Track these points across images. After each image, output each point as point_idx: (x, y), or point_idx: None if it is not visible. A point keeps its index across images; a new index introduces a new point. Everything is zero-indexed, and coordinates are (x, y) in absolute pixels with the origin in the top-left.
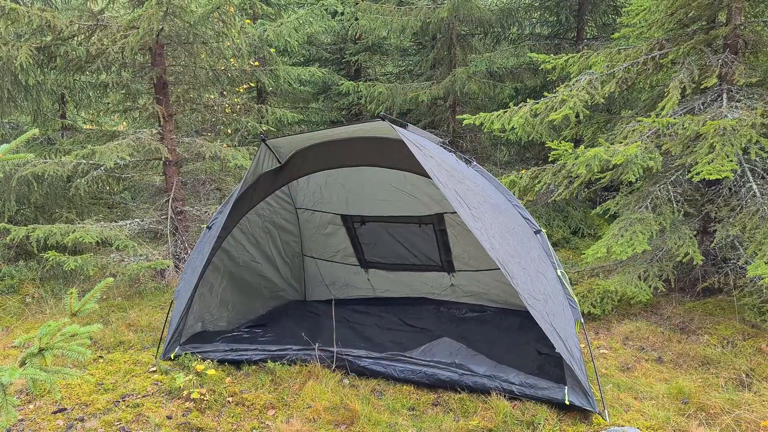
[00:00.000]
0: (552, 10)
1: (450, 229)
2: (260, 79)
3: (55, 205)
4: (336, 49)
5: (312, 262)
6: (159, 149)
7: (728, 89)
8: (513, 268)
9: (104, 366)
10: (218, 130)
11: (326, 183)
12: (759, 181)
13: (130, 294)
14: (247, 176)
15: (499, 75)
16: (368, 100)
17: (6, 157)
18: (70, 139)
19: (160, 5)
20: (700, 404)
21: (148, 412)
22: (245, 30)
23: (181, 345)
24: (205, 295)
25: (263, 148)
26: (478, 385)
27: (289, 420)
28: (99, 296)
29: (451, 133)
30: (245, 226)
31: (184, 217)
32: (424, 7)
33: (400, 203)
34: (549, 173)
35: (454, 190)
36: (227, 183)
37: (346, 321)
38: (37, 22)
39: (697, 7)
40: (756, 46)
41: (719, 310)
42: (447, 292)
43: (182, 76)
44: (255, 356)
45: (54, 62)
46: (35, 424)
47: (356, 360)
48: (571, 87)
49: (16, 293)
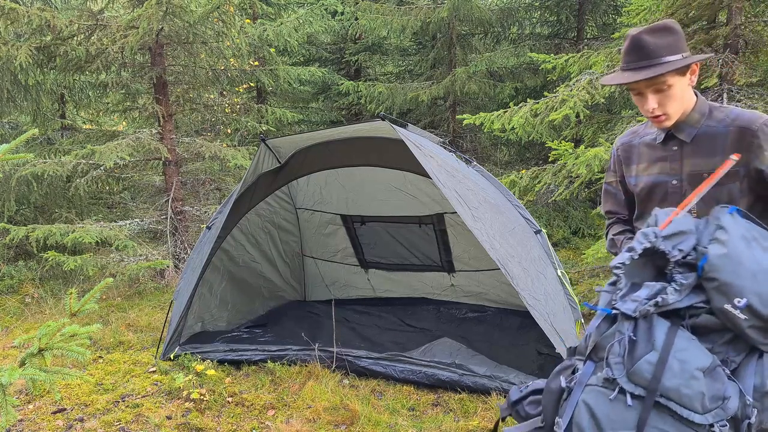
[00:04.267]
0: (552, 10)
1: (450, 229)
2: (260, 79)
3: (54, 205)
4: (336, 48)
5: (312, 262)
6: (159, 149)
7: (729, 89)
8: (513, 268)
9: (104, 366)
10: (218, 130)
11: (326, 183)
12: None
13: (129, 294)
14: (246, 176)
15: (499, 75)
16: (368, 100)
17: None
18: (70, 139)
19: (159, 5)
20: None
21: (148, 412)
22: (245, 30)
23: (181, 345)
24: (204, 295)
25: (263, 148)
26: (478, 386)
27: (288, 420)
28: (98, 296)
29: (451, 133)
30: (245, 226)
31: (183, 217)
32: (424, 6)
33: (400, 203)
34: (549, 173)
35: (455, 190)
36: (227, 183)
37: (346, 321)
38: (37, 22)
39: (697, 7)
40: (756, 46)
41: None
42: (447, 292)
43: (182, 75)
44: (255, 356)
45: (53, 62)
46: (35, 425)
47: (356, 360)
48: (572, 87)
49: (16, 293)
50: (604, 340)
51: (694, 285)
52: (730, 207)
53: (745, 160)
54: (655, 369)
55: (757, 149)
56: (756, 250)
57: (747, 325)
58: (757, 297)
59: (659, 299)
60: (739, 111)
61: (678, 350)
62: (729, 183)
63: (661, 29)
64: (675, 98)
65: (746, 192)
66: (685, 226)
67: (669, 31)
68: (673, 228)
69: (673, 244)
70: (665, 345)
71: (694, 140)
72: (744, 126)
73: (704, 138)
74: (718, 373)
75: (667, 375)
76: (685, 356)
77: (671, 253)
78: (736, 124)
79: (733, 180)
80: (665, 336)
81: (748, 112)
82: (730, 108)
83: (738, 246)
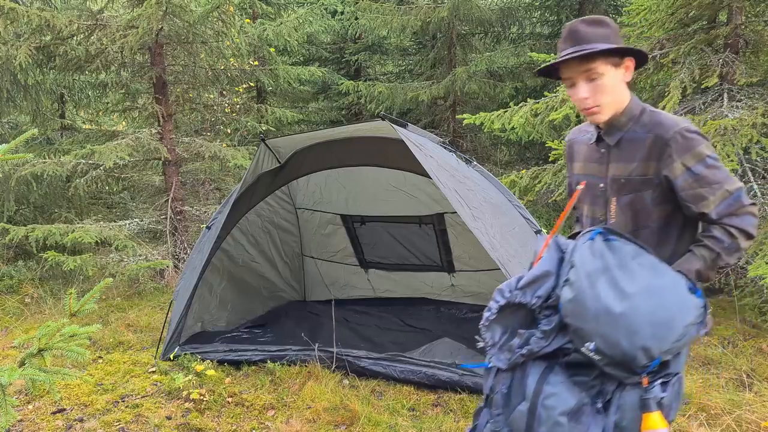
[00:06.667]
0: (552, 10)
1: (450, 229)
2: (260, 79)
3: (54, 205)
4: (336, 48)
5: (312, 262)
6: (158, 149)
7: (729, 89)
8: (514, 268)
9: (103, 366)
10: (218, 129)
11: (326, 183)
12: (760, 181)
13: (129, 294)
14: (246, 176)
15: (499, 74)
16: (368, 100)
17: (5, 157)
18: (70, 138)
19: (159, 5)
20: (700, 405)
21: (148, 412)
22: (245, 29)
23: (181, 345)
24: (204, 295)
25: (263, 148)
26: (478, 386)
27: (288, 420)
28: (98, 296)
29: (451, 132)
30: (245, 226)
31: (183, 217)
32: (424, 6)
33: (400, 203)
34: (549, 173)
35: (455, 190)
36: (227, 183)
37: (346, 321)
38: (37, 22)
39: (697, 6)
40: (757, 46)
41: (720, 310)
42: (447, 293)
43: (182, 75)
44: (254, 356)
45: (53, 62)
46: (34, 425)
47: (356, 360)
48: None
49: (15, 293)
50: (491, 392)
51: (561, 326)
52: (594, 231)
53: (656, 169)
54: (527, 418)
55: (668, 158)
56: (599, 287)
57: (602, 364)
58: (601, 339)
59: (525, 349)
60: (664, 117)
61: (546, 396)
62: (642, 191)
63: (597, 21)
64: (606, 90)
65: (661, 200)
66: (544, 268)
67: (604, 23)
68: (529, 277)
69: (531, 292)
70: (534, 392)
71: (618, 144)
72: (659, 134)
73: (627, 143)
74: (583, 413)
75: (536, 424)
76: (551, 402)
77: (530, 303)
78: (655, 131)
79: (646, 188)
80: (536, 383)
81: (670, 120)
82: (660, 114)
83: (582, 286)
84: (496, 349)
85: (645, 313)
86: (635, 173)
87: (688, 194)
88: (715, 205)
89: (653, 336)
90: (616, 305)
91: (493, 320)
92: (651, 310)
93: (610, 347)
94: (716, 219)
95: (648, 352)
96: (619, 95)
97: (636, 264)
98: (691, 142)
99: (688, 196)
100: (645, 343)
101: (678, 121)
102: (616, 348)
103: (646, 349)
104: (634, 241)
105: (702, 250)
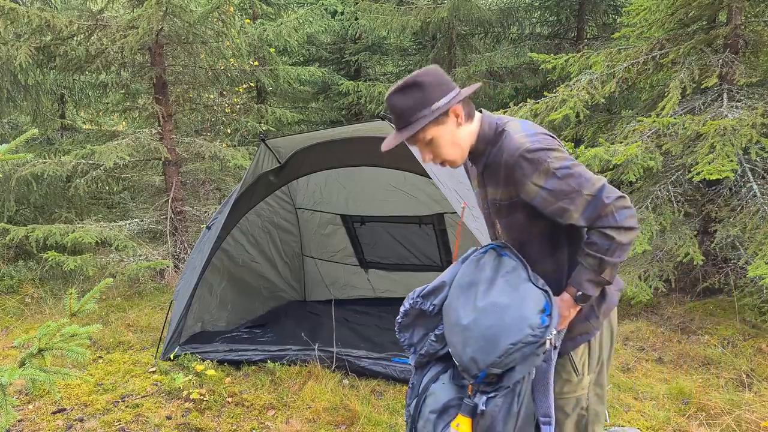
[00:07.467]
0: (552, 10)
1: (450, 229)
2: (260, 79)
3: (54, 205)
4: (336, 48)
5: (312, 262)
6: (158, 149)
7: (728, 89)
8: None
9: (104, 366)
10: (218, 130)
11: (326, 183)
12: (759, 181)
13: (129, 294)
14: (246, 176)
15: (499, 75)
16: (368, 100)
17: (5, 157)
18: (70, 139)
19: (159, 5)
20: (700, 404)
21: (148, 412)
22: (245, 30)
23: (181, 345)
24: (204, 295)
25: (263, 148)
26: None
27: (288, 420)
28: (98, 296)
29: None
30: (245, 226)
31: (183, 217)
32: (424, 6)
33: (400, 203)
34: None
35: (455, 190)
36: (227, 183)
37: (346, 321)
38: (37, 22)
39: (697, 6)
40: (756, 46)
41: (720, 310)
42: None
43: (182, 75)
44: (255, 356)
45: (53, 62)
46: (34, 425)
47: (356, 360)
48: (572, 87)
49: (16, 293)
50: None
51: None
52: (490, 245)
53: (515, 193)
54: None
55: (519, 183)
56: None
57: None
58: (452, 347)
59: (424, 350)
60: (507, 142)
61: (429, 394)
62: (514, 213)
63: (410, 86)
64: (444, 145)
65: (534, 216)
66: (442, 279)
67: (416, 85)
68: (430, 287)
69: (429, 300)
70: (422, 389)
71: (486, 170)
72: (506, 160)
73: (490, 168)
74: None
75: (419, 417)
76: (429, 400)
77: (427, 310)
78: (504, 157)
79: (516, 210)
80: (426, 381)
81: (513, 144)
82: (508, 136)
83: (450, 297)
84: (413, 349)
85: (482, 328)
86: (502, 198)
87: (550, 211)
88: (579, 214)
89: (481, 349)
90: (465, 317)
91: (402, 323)
92: (487, 325)
93: (456, 355)
94: (589, 225)
95: (476, 363)
96: (461, 139)
97: (503, 280)
98: (535, 163)
99: (551, 212)
100: (474, 355)
101: (520, 143)
102: (458, 356)
103: (475, 360)
104: (518, 257)
105: (587, 259)
